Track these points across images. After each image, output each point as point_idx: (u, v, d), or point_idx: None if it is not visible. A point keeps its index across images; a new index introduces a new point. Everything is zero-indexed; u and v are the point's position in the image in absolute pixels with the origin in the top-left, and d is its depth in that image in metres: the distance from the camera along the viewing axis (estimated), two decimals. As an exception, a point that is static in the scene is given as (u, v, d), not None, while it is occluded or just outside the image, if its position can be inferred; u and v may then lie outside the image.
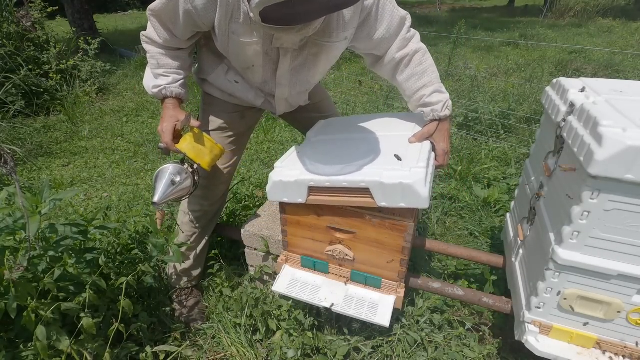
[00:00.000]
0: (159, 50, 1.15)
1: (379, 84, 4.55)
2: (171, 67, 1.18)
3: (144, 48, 1.18)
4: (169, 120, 1.16)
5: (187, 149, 1.16)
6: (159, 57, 1.16)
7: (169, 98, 1.19)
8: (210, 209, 1.45)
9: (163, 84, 1.17)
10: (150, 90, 1.19)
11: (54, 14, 4.68)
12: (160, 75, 1.17)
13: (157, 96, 1.19)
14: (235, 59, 1.14)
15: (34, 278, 1.00)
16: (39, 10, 4.37)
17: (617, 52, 5.20)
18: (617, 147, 0.78)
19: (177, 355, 1.27)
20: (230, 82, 1.26)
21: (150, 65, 1.19)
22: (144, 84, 1.22)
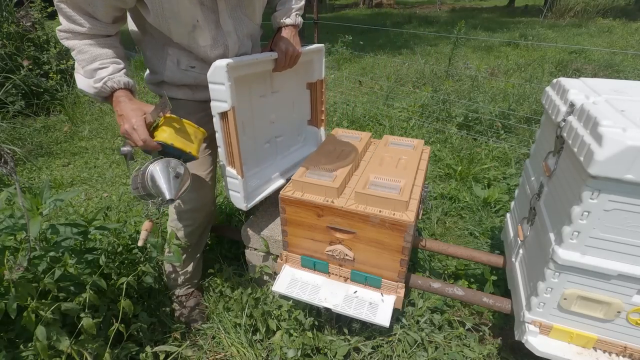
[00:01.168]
0: (87, 42, 0.99)
1: (379, 84, 4.55)
2: (106, 57, 1.01)
3: (66, 46, 1.01)
4: (134, 114, 0.98)
5: (172, 140, 1.01)
6: (88, 48, 0.99)
7: (118, 90, 1.02)
8: (203, 220, 1.39)
9: (105, 75, 1.00)
10: (92, 87, 1.01)
11: (54, 14, 4.67)
12: (97, 69, 1.00)
13: (102, 92, 1.01)
14: (176, 23, 1.02)
15: (34, 278, 1.00)
16: (39, 10, 4.37)
17: (617, 52, 5.21)
18: (617, 147, 0.78)
19: (177, 355, 1.27)
20: (186, 71, 1.16)
21: (80, 63, 1.01)
22: (80, 88, 1.04)
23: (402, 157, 1.37)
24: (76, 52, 1.00)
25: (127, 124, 0.98)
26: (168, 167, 1.01)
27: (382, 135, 2.05)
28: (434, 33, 7.47)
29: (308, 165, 1.30)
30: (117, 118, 1.03)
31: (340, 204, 1.15)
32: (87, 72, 1.01)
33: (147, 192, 1.03)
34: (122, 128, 1.00)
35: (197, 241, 1.45)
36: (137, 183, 1.02)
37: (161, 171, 1.00)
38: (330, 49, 5.76)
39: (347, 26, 7.84)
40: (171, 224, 1.42)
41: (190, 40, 1.09)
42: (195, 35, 1.08)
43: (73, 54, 1.02)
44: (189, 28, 1.05)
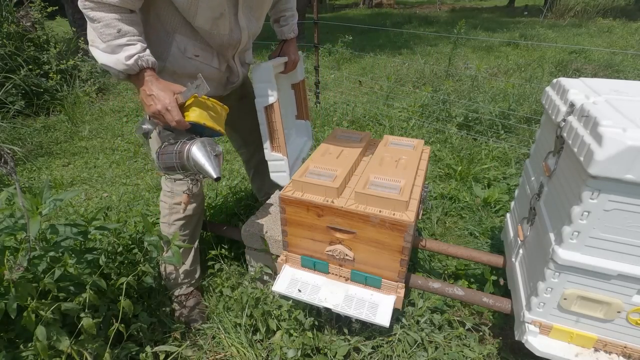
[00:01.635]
0: (114, 15, 0.96)
1: (379, 84, 4.55)
2: (134, 34, 0.99)
3: (90, 17, 0.95)
4: (166, 95, 0.99)
5: (204, 119, 1.04)
6: (115, 23, 0.96)
7: (147, 69, 1.02)
8: (195, 211, 1.41)
9: (135, 53, 0.98)
10: (122, 63, 0.98)
11: (54, 14, 4.68)
12: (123, 45, 0.97)
13: (132, 69, 1.00)
14: (207, 8, 1.05)
15: (34, 278, 1.00)
16: (38, 10, 4.37)
17: (617, 52, 5.21)
18: (617, 147, 0.78)
19: (177, 355, 1.27)
20: (190, 59, 1.17)
21: (103, 37, 0.97)
22: (102, 63, 0.99)
23: (402, 157, 1.37)
24: (101, 25, 0.96)
25: (160, 104, 0.99)
26: (206, 147, 1.04)
27: (382, 135, 2.05)
28: (434, 33, 7.47)
29: (308, 165, 1.30)
30: (145, 97, 1.02)
31: (340, 204, 1.15)
32: (110, 47, 0.98)
33: (186, 172, 1.07)
34: (153, 108, 1.00)
35: (192, 232, 1.46)
36: (174, 162, 1.05)
37: (202, 152, 1.03)
38: (330, 49, 5.76)
39: (347, 26, 7.84)
40: (163, 220, 1.43)
41: (213, 26, 1.12)
42: (219, 23, 1.12)
43: (95, 26, 0.96)
44: (216, 14, 1.09)
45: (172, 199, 1.39)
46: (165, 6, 1.08)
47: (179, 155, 1.05)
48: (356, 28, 8.18)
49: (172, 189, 1.38)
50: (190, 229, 1.45)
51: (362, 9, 14.59)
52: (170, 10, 1.09)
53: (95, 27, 0.97)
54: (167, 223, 1.41)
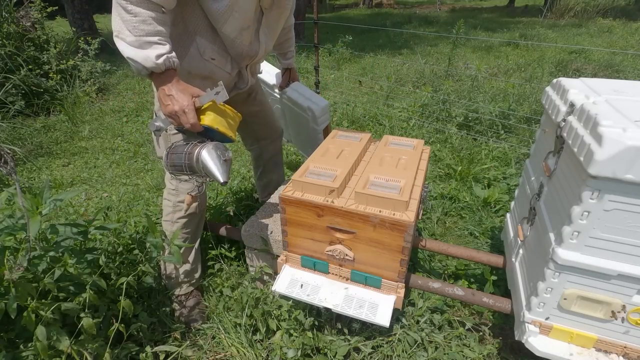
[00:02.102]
0: (151, 14, 0.97)
1: (379, 84, 4.55)
2: (164, 35, 1.01)
3: (127, 9, 0.95)
4: (185, 97, 1.02)
5: (217, 124, 1.06)
6: (152, 21, 0.97)
7: (171, 70, 1.04)
8: (198, 210, 1.44)
9: (164, 53, 1.00)
10: (152, 61, 0.99)
11: (54, 14, 4.68)
12: (155, 43, 0.99)
13: (159, 68, 1.01)
14: (239, 19, 1.13)
15: (34, 278, 1.00)
16: (38, 10, 4.37)
17: (617, 52, 5.21)
18: (617, 147, 0.78)
19: (177, 355, 1.27)
20: (207, 61, 1.20)
21: (136, 31, 0.97)
22: (129, 55, 0.99)
23: (402, 157, 1.37)
24: (138, 20, 0.96)
25: (177, 106, 1.01)
26: (217, 151, 1.05)
27: (382, 135, 2.05)
28: (434, 33, 7.47)
29: (308, 165, 1.30)
30: (163, 97, 1.04)
31: (340, 204, 1.15)
32: (139, 42, 0.98)
33: (192, 173, 1.08)
34: (170, 108, 1.02)
35: (194, 230, 1.48)
36: (183, 163, 1.07)
37: (212, 156, 1.04)
38: (330, 49, 5.76)
39: (347, 26, 7.84)
40: (166, 218, 1.44)
41: (238, 36, 1.19)
42: (244, 34, 1.20)
43: (129, 19, 0.96)
44: (244, 26, 1.16)
45: (177, 197, 1.40)
46: (193, 9, 1.11)
47: (188, 156, 1.06)
48: (356, 28, 8.18)
49: (176, 187, 1.39)
50: (192, 228, 1.46)
51: (362, 9, 14.59)
52: (196, 13, 1.13)
53: (130, 20, 0.96)
54: (171, 221, 1.43)
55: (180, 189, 1.39)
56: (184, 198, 1.36)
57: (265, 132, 1.71)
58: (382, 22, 9.72)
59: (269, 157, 1.81)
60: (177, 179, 1.38)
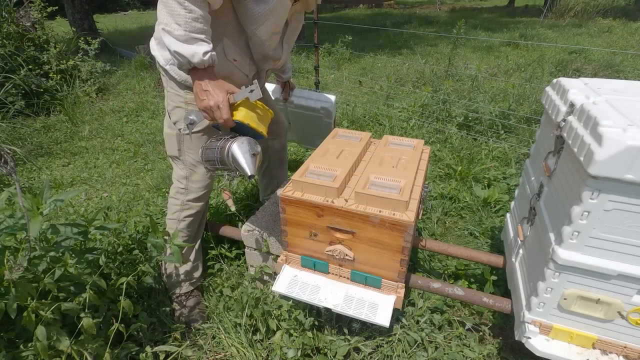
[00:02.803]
0: (202, 13, 1.01)
1: (379, 84, 4.55)
2: (209, 34, 1.06)
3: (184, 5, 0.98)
4: (221, 93, 1.06)
5: (249, 120, 1.10)
6: (202, 20, 1.02)
7: (212, 67, 1.08)
8: (202, 207, 1.46)
9: (209, 50, 1.05)
10: (199, 57, 1.03)
11: (54, 14, 4.68)
12: (201, 40, 1.03)
13: (203, 63, 1.05)
14: (273, 23, 1.18)
15: (34, 278, 1.00)
16: (38, 10, 4.37)
17: (617, 52, 5.21)
18: (617, 147, 0.78)
19: (177, 355, 1.27)
20: (229, 62, 1.23)
21: (188, 27, 1.00)
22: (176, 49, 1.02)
23: (402, 157, 1.37)
24: (192, 18, 1.00)
25: (213, 101, 1.06)
26: (246, 145, 1.11)
27: (382, 135, 2.05)
28: (434, 33, 7.47)
29: (308, 165, 1.30)
30: (200, 91, 1.08)
31: (340, 204, 1.15)
32: (186, 37, 1.01)
33: (224, 166, 1.13)
34: (206, 103, 1.06)
35: (196, 229, 1.50)
36: (215, 157, 1.12)
37: (242, 150, 1.10)
38: (330, 49, 5.76)
39: (347, 26, 7.84)
40: (172, 216, 1.45)
41: (269, 39, 1.24)
42: (274, 38, 1.26)
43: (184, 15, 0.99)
44: (276, 31, 1.22)
45: (186, 196, 1.41)
46: (225, 11, 1.13)
47: (220, 150, 1.11)
48: (356, 28, 8.18)
49: (187, 186, 1.40)
50: (195, 227, 1.49)
51: (362, 9, 14.59)
52: (227, 15, 1.16)
53: (183, 15, 0.99)
54: (177, 219, 1.44)
55: (191, 188, 1.40)
56: (194, 196, 1.41)
57: (270, 127, 1.69)
58: (382, 22, 9.72)
59: (274, 153, 1.83)
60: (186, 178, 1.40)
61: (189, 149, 1.34)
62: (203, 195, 1.43)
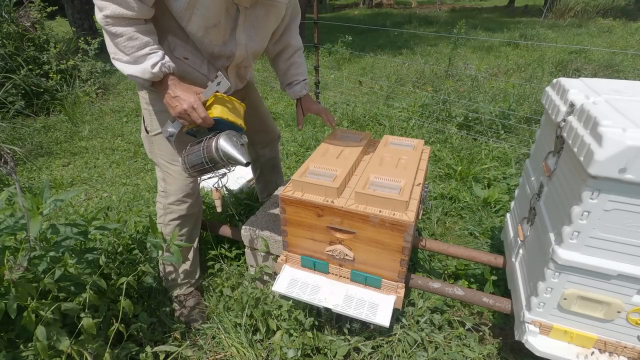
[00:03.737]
0: (133, 28, 1.01)
1: (379, 84, 4.55)
2: (154, 43, 1.05)
3: (112, 32, 1.00)
4: (190, 95, 1.06)
5: (227, 115, 1.11)
6: (137, 35, 1.01)
7: (170, 74, 1.08)
8: (190, 211, 1.41)
9: (158, 61, 1.04)
10: (149, 72, 1.04)
11: (54, 14, 4.68)
12: (147, 54, 1.03)
13: (157, 76, 1.06)
14: (202, 16, 1.07)
15: (34, 278, 1.00)
16: (38, 10, 4.37)
17: (617, 52, 5.21)
18: (617, 147, 0.78)
19: (177, 355, 1.27)
20: (178, 59, 1.18)
21: (128, 50, 1.02)
22: (129, 73, 1.05)
23: (402, 157, 1.37)
24: (125, 39, 1.01)
25: (186, 104, 1.06)
26: (232, 137, 1.11)
27: (382, 135, 2.05)
28: (434, 33, 7.47)
29: (308, 165, 1.30)
30: (170, 100, 1.08)
31: (340, 204, 1.15)
32: (134, 58, 1.03)
33: (215, 165, 1.12)
34: (179, 108, 1.07)
35: (190, 231, 1.46)
36: (203, 158, 1.11)
37: (231, 142, 1.10)
38: (330, 49, 5.76)
39: (347, 26, 7.84)
40: (159, 220, 1.43)
41: (205, 34, 1.13)
42: (211, 32, 1.13)
43: (118, 41, 1.01)
44: (210, 24, 1.11)
45: (167, 199, 1.38)
46: (162, 8, 1.10)
47: (207, 150, 1.10)
48: (356, 28, 8.18)
49: (165, 188, 1.38)
50: (187, 229, 1.44)
51: (362, 9, 14.59)
52: (165, 13, 1.11)
53: (118, 41, 1.02)
54: (163, 224, 1.41)
55: (169, 191, 1.37)
56: (175, 198, 1.37)
57: (260, 136, 1.67)
58: (382, 22, 9.72)
59: (266, 161, 1.78)
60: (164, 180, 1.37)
61: (160, 150, 1.31)
62: (183, 198, 1.37)
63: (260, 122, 1.63)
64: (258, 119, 1.61)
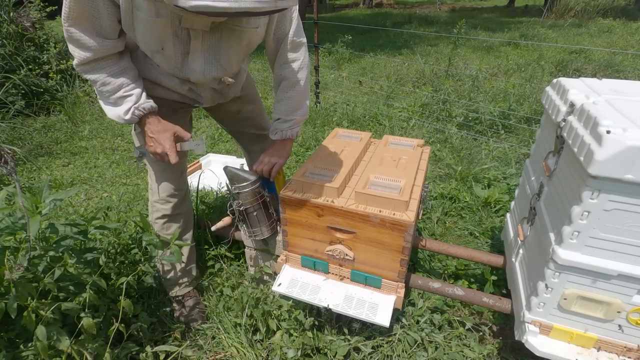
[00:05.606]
0: (104, 74, 1.03)
1: (379, 84, 4.55)
2: (128, 84, 1.06)
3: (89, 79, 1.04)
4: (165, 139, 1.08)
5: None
6: (109, 80, 1.03)
7: (147, 116, 1.09)
8: (175, 211, 1.39)
9: (131, 106, 1.06)
10: (123, 118, 1.07)
11: (54, 14, 4.67)
12: (121, 97, 1.05)
13: (131, 121, 1.08)
14: (143, 40, 1.02)
15: (34, 278, 1.00)
16: (37, 9, 4.37)
17: (617, 52, 5.21)
18: (617, 147, 0.78)
19: (177, 355, 1.27)
20: (152, 65, 1.15)
21: (103, 96, 1.07)
22: (110, 116, 1.09)
23: (402, 157, 1.37)
24: (100, 84, 1.05)
25: (160, 148, 1.10)
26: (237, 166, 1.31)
27: (382, 135, 2.05)
28: (434, 33, 7.47)
29: (308, 165, 1.30)
30: (147, 138, 1.12)
31: (341, 203, 1.15)
32: (113, 101, 1.07)
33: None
34: (153, 149, 1.11)
35: (181, 232, 1.44)
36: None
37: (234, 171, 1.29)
38: (330, 49, 5.76)
39: (347, 26, 7.84)
40: (149, 218, 1.42)
41: (153, 58, 1.10)
42: (157, 57, 1.09)
43: (97, 87, 1.06)
44: (153, 49, 1.06)
45: (152, 197, 1.38)
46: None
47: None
48: (356, 28, 8.18)
49: (151, 186, 1.37)
50: (174, 229, 1.41)
51: (362, 9, 14.59)
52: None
53: (97, 86, 1.06)
54: (151, 222, 1.40)
55: (154, 189, 1.36)
56: (159, 197, 1.37)
57: (256, 145, 1.63)
58: (382, 22, 9.72)
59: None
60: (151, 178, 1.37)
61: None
62: (167, 197, 1.35)
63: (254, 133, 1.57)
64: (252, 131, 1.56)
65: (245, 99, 1.47)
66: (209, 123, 3.53)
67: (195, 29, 1.03)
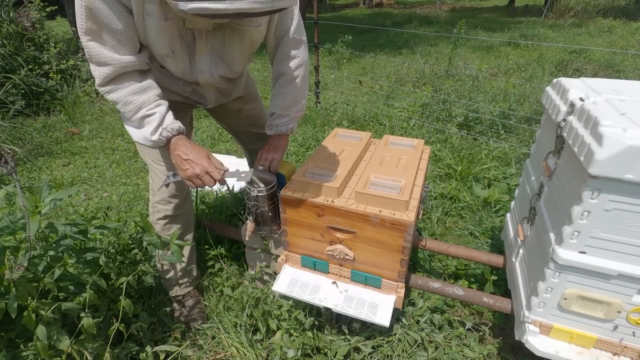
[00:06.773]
0: (125, 92, 1.02)
1: (379, 84, 4.55)
2: (150, 102, 1.04)
3: (112, 100, 1.02)
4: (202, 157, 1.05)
5: None
6: (131, 99, 1.02)
7: (177, 138, 1.06)
8: (176, 212, 1.39)
9: (157, 125, 1.04)
10: (149, 139, 1.05)
11: (54, 14, 4.68)
12: (144, 117, 1.04)
13: (159, 142, 1.06)
14: (155, 45, 1.02)
15: (34, 278, 1.00)
16: (37, 9, 4.37)
17: (617, 52, 5.20)
18: (617, 147, 0.78)
19: (177, 355, 1.27)
20: (156, 68, 1.14)
21: (127, 114, 1.04)
22: (135, 139, 1.09)
23: (402, 157, 1.37)
24: (121, 105, 1.03)
25: (198, 168, 1.04)
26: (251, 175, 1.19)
27: (382, 135, 2.05)
28: (434, 33, 7.47)
29: (308, 165, 1.30)
30: (180, 162, 1.07)
31: (341, 203, 1.15)
32: (135, 122, 1.05)
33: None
34: (190, 172, 1.05)
35: (182, 232, 1.43)
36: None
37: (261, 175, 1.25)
38: (330, 49, 5.76)
39: (347, 26, 7.84)
40: (149, 218, 1.42)
41: (163, 61, 1.10)
42: (167, 60, 1.09)
43: (119, 107, 1.04)
44: (164, 54, 1.06)
45: (154, 198, 1.38)
46: None
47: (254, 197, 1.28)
48: (356, 28, 8.18)
49: (152, 187, 1.37)
50: (176, 229, 1.41)
51: (362, 8, 14.59)
52: None
53: (119, 107, 1.04)
54: (152, 222, 1.39)
55: (155, 190, 1.36)
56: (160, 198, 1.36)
57: (257, 144, 1.60)
58: (382, 22, 9.72)
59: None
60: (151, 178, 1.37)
61: (147, 149, 1.28)
62: (169, 198, 1.35)
63: (256, 132, 1.57)
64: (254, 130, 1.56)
65: (246, 98, 1.48)
66: (209, 123, 3.53)
67: (199, 29, 1.05)
